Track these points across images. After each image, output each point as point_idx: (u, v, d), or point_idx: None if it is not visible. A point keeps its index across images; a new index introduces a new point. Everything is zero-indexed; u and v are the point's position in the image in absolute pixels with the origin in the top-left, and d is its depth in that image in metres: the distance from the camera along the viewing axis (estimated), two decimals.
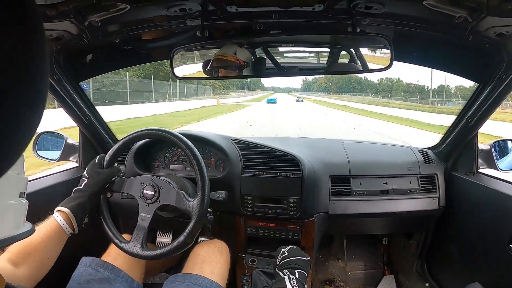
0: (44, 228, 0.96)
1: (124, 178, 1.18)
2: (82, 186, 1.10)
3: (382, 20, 1.14)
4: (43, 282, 0.92)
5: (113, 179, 1.18)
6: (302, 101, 63.15)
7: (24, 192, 0.63)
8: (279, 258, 1.09)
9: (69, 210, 1.00)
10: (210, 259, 1.21)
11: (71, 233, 1.01)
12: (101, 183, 1.13)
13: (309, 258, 1.11)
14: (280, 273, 1.02)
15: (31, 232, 0.65)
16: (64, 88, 1.40)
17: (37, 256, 0.92)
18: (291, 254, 1.10)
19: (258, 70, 1.27)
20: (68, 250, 1.01)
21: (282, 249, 1.13)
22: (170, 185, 1.14)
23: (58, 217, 0.98)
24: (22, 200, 0.63)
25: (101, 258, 1.15)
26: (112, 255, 1.18)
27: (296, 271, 1.01)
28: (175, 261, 1.64)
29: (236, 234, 1.63)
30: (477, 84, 1.39)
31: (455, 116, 1.60)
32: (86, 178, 1.13)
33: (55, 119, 4.29)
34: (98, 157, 1.19)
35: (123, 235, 1.18)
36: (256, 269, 1.54)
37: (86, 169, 1.16)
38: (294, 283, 0.96)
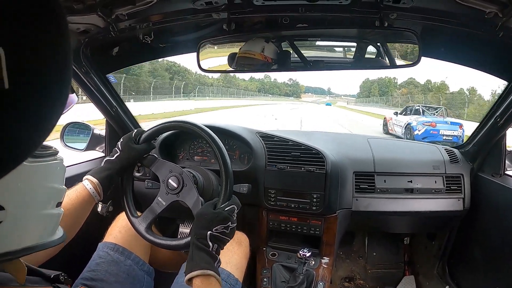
0: (73, 193, 0.98)
1: (157, 158, 1.17)
2: (113, 158, 1.08)
3: (411, 14, 1.11)
4: (67, 267, 0.94)
5: (145, 155, 1.16)
6: None
7: (61, 202, 0.64)
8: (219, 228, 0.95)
9: (98, 181, 1.02)
10: (227, 249, 1.14)
11: (98, 199, 1.03)
12: (132, 159, 1.11)
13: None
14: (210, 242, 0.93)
15: (61, 239, 0.65)
16: (91, 80, 1.43)
17: (66, 219, 0.93)
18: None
19: (284, 64, 1.27)
20: (91, 238, 1.03)
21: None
22: (194, 187, 1.11)
23: (88, 185, 1.01)
24: (59, 210, 0.63)
25: (115, 242, 1.15)
26: (126, 238, 1.18)
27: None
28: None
29: (258, 227, 1.64)
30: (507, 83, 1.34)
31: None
32: (119, 150, 1.10)
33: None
34: (135, 131, 1.15)
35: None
36: (276, 263, 1.54)
37: (121, 140, 1.12)
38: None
